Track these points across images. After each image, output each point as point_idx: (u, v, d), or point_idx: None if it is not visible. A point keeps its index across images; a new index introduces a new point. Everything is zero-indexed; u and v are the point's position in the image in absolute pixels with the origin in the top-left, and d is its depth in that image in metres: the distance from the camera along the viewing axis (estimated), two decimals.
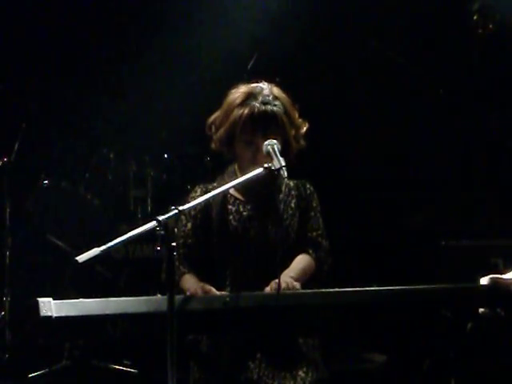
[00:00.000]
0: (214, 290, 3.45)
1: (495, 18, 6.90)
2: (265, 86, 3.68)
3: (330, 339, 3.65)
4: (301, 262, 3.64)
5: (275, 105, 3.62)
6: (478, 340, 3.52)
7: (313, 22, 7.22)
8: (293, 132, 3.66)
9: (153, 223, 3.02)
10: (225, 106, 3.68)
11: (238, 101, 3.63)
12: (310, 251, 3.66)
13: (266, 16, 7.20)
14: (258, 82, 3.69)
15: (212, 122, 3.71)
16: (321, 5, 7.19)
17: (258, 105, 3.60)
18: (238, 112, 3.61)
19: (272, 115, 3.59)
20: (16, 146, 6.41)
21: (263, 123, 3.58)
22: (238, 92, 3.67)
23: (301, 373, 3.47)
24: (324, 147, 6.42)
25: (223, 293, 3.42)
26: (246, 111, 3.60)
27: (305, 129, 3.71)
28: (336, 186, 6.91)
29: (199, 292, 3.40)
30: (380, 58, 7.07)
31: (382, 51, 7.05)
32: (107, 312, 3.10)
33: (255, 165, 3.53)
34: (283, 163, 3.40)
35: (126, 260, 6.36)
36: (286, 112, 3.63)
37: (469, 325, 3.38)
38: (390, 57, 7.03)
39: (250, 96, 3.63)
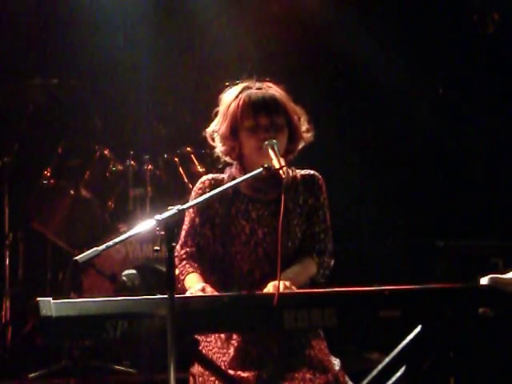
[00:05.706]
0: (215, 292, 3.42)
1: (495, 18, 6.90)
2: (257, 82, 3.69)
3: (330, 339, 3.64)
4: (302, 264, 3.61)
5: (270, 89, 3.62)
6: (477, 340, 3.51)
7: (313, 22, 7.23)
8: (296, 117, 3.64)
9: (152, 223, 3.01)
10: (221, 106, 3.67)
11: (233, 96, 3.63)
12: (314, 255, 3.64)
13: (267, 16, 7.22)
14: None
15: (213, 130, 3.68)
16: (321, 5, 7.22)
17: (253, 91, 3.61)
18: (235, 104, 3.60)
19: (270, 96, 3.59)
20: (16, 146, 6.40)
21: (263, 105, 3.56)
22: (231, 90, 3.67)
23: (308, 375, 3.41)
24: (325, 146, 6.41)
25: (222, 294, 3.39)
26: (243, 98, 3.59)
27: (307, 122, 3.68)
28: (335, 183, 6.91)
29: (199, 293, 3.37)
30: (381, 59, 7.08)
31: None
32: (107, 312, 3.10)
33: (262, 151, 3.49)
34: (283, 163, 3.39)
35: (126, 260, 6.35)
36: (282, 95, 3.62)
37: (469, 324, 3.38)
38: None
39: (244, 88, 3.64)
